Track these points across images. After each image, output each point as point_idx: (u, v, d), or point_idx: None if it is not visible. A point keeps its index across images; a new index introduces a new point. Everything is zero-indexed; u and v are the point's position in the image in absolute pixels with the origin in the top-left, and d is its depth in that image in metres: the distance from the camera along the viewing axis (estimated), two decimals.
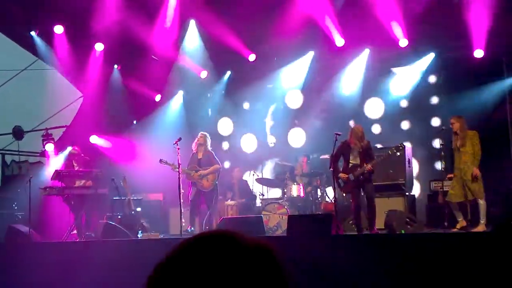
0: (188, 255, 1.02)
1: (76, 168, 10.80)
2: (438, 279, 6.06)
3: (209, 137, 10.81)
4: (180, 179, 9.82)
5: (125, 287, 6.56)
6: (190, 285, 0.97)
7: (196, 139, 10.69)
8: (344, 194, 9.99)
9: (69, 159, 11.12)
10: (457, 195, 8.96)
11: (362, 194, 9.07)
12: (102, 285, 7.28)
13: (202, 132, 10.86)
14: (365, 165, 8.83)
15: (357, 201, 9.03)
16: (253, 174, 12.42)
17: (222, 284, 0.96)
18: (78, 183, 10.50)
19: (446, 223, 9.07)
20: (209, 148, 10.76)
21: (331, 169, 9.26)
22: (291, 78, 13.61)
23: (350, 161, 9.10)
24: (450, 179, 9.28)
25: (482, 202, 8.81)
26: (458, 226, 8.87)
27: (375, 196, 9.16)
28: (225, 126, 14.61)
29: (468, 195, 8.90)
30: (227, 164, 13.75)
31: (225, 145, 14.51)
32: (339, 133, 9.25)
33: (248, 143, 14.25)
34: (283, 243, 7.57)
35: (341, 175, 9.04)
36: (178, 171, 9.76)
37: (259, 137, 14.05)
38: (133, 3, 11.65)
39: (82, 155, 11.25)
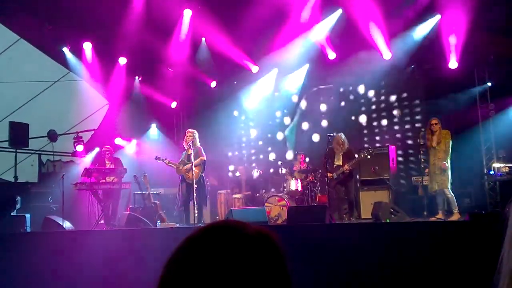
0: (195, 244, 1.03)
1: (108, 165, 10.75)
2: (419, 261, 6.04)
3: (196, 134, 9.99)
4: (193, 175, 9.57)
5: (145, 270, 6.56)
6: (199, 272, 0.98)
7: (185, 137, 9.91)
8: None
9: (102, 157, 11.10)
10: (431, 187, 9.01)
11: (344, 189, 9.66)
12: (125, 268, 7.28)
13: (189, 130, 10.07)
14: (344, 165, 9.47)
15: (339, 195, 9.68)
16: (257, 171, 12.40)
17: (228, 267, 0.97)
18: (108, 179, 10.49)
19: (425, 213, 9.07)
20: (198, 144, 9.94)
21: (323, 169, 9.88)
22: (291, 87, 13.63)
23: (335, 163, 9.76)
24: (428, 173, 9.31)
25: (449, 195, 8.77)
26: (437, 216, 8.85)
27: (353, 193, 9.84)
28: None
29: (434, 186, 8.92)
30: (238, 161, 13.82)
31: (236, 145, 14.59)
32: (331, 134, 9.55)
33: (255, 144, 14.29)
34: (283, 231, 7.55)
35: (328, 174, 9.60)
36: (192, 168, 9.52)
37: (264, 138, 14.10)
38: (152, 23, 11.67)
39: (113, 154, 11.25)
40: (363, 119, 13.06)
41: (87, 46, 12.67)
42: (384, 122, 12.83)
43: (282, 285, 1.02)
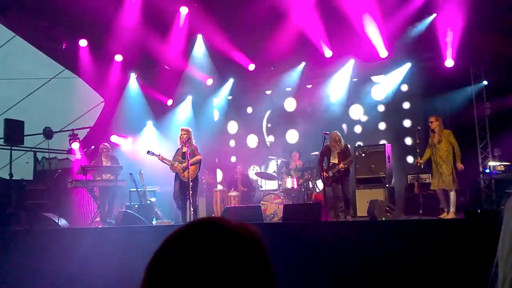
0: (179, 240, 1.04)
1: (105, 163, 10.72)
2: (414, 260, 6.05)
3: (191, 131, 9.80)
4: (189, 173, 9.47)
5: (141, 267, 6.54)
6: (183, 268, 0.98)
7: (180, 135, 9.71)
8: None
9: (99, 154, 11.06)
10: (434, 184, 9.04)
11: (340, 187, 9.52)
12: (120, 266, 7.27)
13: (183, 128, 9.89)
14: (340, 164, 9.33)
15: (335, 193, 9.57)
16: (253, 169, 12.39)
17: (211, 263, 0.97)
18: (104, 176, 10.45)
19: (421, 211, 9.08)
20: (193, 142, 9.75)
21: (318, 167, 9.66)
22: (286, 85, 13.62)
23: (331, 161, 9.61)
24: (419, 164, 9.33)
25: (452, 193, 8.84)
26: (443, 215, 8.85)
27: (349, 191, 9.70)
28: (230, 127, 14.64)
29: (440, 184, 8.95)
30: (233, 159, 13.80)
31: (232, 143, 14.60)
32: (327, 132, 9.46)
33: (250, 142, 14.28)
34: (279, 228, 7.55)
35: (323, 173, 9.41)
36: (188, 166, 9.42)
37: (259, 137, 14.07)
38: (148, 20, 11.65)
39: (110, 152, 11.21)
40: (359, 116, 13.06)
41: (83, 43, 12.63)
42: (380, 119, 12.84)
43: (265, 280, 1.02)
